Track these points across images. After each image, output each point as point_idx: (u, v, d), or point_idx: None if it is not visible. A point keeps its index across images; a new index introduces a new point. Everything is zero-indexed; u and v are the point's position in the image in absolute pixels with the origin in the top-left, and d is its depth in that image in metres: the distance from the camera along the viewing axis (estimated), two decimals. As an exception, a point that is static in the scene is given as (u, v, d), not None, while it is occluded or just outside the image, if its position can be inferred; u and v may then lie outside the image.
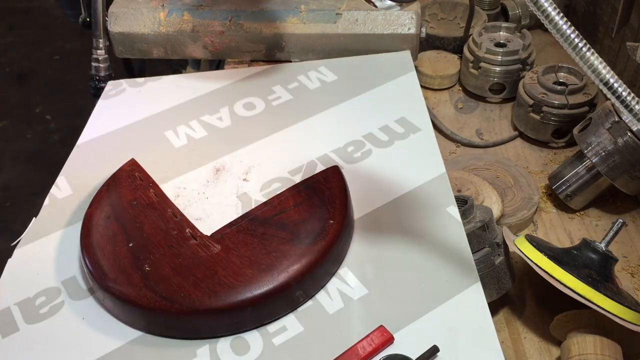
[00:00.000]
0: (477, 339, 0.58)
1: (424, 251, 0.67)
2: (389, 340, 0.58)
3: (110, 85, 0.98)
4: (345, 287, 0.64)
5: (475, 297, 0.62)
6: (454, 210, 0.71)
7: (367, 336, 0.58)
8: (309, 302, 0.63)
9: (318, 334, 0.60)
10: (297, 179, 0.76)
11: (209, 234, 0.67)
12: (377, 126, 0.84)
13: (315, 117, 0.87)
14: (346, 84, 0.92)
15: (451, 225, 0.69)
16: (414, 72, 0.93)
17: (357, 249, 0.68)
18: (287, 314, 0.62)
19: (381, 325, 0.59)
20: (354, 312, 0.62)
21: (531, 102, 0.96)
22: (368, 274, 0.65)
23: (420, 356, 0.56)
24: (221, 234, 0.66)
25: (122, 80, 0.99)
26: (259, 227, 0.66)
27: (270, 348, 0.60)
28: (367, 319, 0.61)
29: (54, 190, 0.79)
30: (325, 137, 0.83)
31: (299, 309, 0.63)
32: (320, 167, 0.78)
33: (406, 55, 0.96)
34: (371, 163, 0.79)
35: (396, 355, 0.57)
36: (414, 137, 0.81)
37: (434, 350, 0.57)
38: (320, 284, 0.64)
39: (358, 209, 0.72)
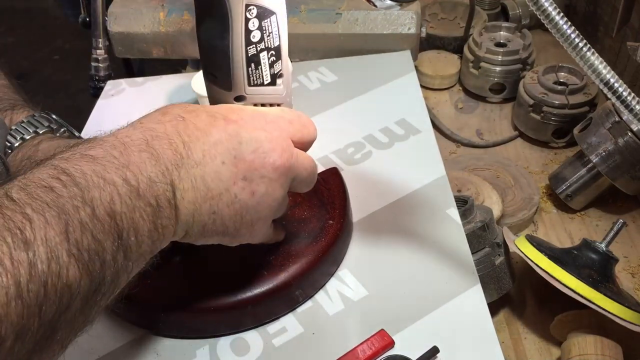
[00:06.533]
0: (477, 339, 0.58)
1: (424, 253, 0.66)
2: (390, 344, 0.58)
3: (109, 85, 0.98)
4: (345, 288, 0.64)
5: (475, 298, 0.62)
6: (453, 213, 0.70)
7: (368, 339, 0.58)
8: (309, 303, 0.63)
9: (318, 335, 0.60)
10: (297, 179, 0.76)
11: (208, 235, 0.66)
12: (377, 127, 0.83)
13: (315, 118, 0.86)
14: (346, 85, 0.92)
15: (451, 227, 0.69)
16: (414, 72, 0.93)
17: (357, 251, 0.68)
18: (286, 314, 0.62)
19: (382, 329, 0.59)
20: (354, 313, 0.62)
21: (531, 102, 0.96)
22: (368, 276, 0.65)
23: (421, 357, 0.56)
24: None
25: (121, 80, 0.99)
26: (258, 227, 0.66)
27: (270, 349, 0.59)
28: (367, 320, 0.61)
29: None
30: (325, 138, 0.82)
31: (299, 310, 0.62)
32: (319, 169, 0.78)
33: (406, 55, 0.96)
34: (371, 165, 0.79)
35: (396, 356, 0.57)
36: (414, 139, 0.81)
37: (434, 351, 0.57)
38: (319, 284, 0.64)
39: (358, 211, 0.71)
